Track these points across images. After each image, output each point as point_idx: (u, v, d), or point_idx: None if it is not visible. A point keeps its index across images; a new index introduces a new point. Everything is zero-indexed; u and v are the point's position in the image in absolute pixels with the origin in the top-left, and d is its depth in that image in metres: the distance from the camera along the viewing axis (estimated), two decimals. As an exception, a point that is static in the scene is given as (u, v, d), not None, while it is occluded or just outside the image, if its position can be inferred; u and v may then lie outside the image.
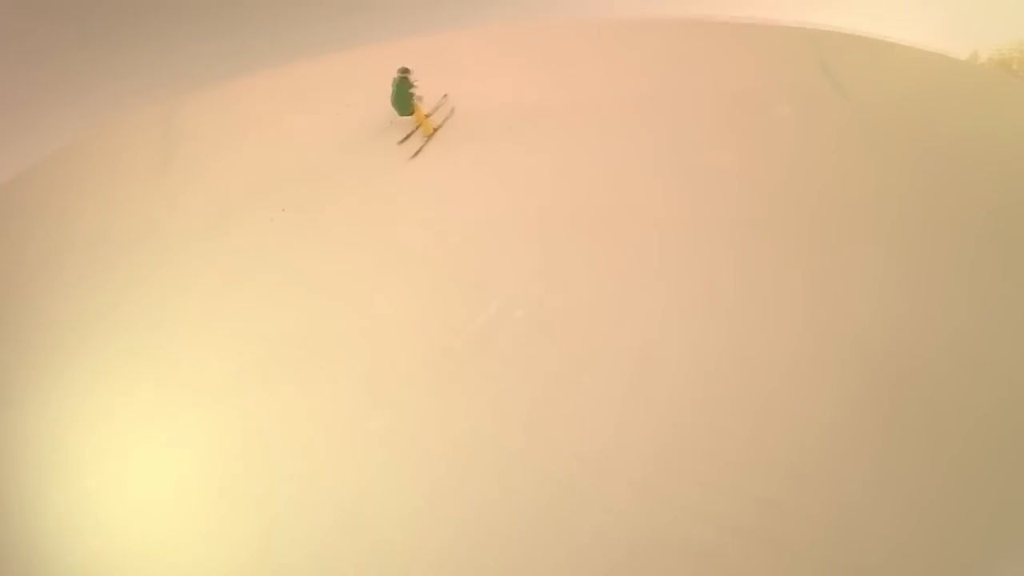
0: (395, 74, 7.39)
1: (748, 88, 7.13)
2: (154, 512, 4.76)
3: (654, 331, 5.46)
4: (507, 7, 7.93)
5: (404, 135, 7.46)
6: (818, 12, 7.28)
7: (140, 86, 7.76)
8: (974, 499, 4.38)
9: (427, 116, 7.57)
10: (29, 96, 7.55)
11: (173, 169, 7.21)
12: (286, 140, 7.35)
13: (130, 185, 7.09)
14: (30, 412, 5.35)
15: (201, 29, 7.88)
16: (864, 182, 6.30)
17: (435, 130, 7.57)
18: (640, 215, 6.30)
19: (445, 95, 7.62)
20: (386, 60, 7.17)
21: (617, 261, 5.98)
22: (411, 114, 7.46)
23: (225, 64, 7.81)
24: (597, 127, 7.08)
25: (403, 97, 7.41)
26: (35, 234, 6.79)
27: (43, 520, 4.82)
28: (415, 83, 7.42)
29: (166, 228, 6.64)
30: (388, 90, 7.35)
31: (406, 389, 5.32)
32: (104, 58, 7.71)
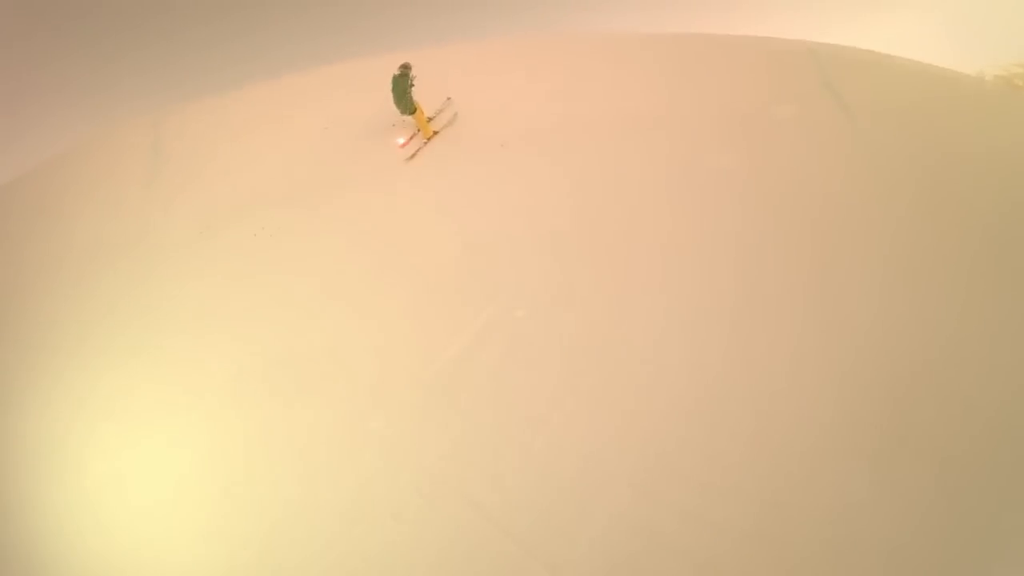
0: (395, 71, 7.43)
1: (754, 103, 7.17)
2: (155, 512, 4.74)
3: (657, 334, 5.47)
4: (516, 20, 8.02)
5: (405, 138, 7.50)
6: (825, 30, 7.38)
7: (138, 93, 7.80)
8: (976, 501, 4.39)
9: (429, 119, 7.59)
10: (25, 101, 7.60)
11: (170, 173, 7.22)
12: (286, 146, 7.35)
13: (128, 189, 7.10)
14: (30, 413, 5.38)
15: (207, 36, 7.96)
16: (866, 190, 6.31)
17: (435, 133, 7.59)
18: (646, 222, 6.29)
19: (448, 99, 7.65)
20: (388, 70, 7.24)
21: (622, 265, 5.97)
22: (412, 113, 7.47)
23: (226, 72, 7.87)
24: (602, 138, 7.08)
25: (402, 94, 7.38)
26: (33, 236, 6.81)
27: (43, 520, 4.80)
28: (414, 80, 7.41)
29: (163, 230, 6.64)
30: (385, 101, 7.40)
31: (406, 390, 5.31)
32: (101, 66, 7.76)
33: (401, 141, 7.53)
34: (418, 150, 7.43)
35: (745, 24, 7.66)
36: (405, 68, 7.43)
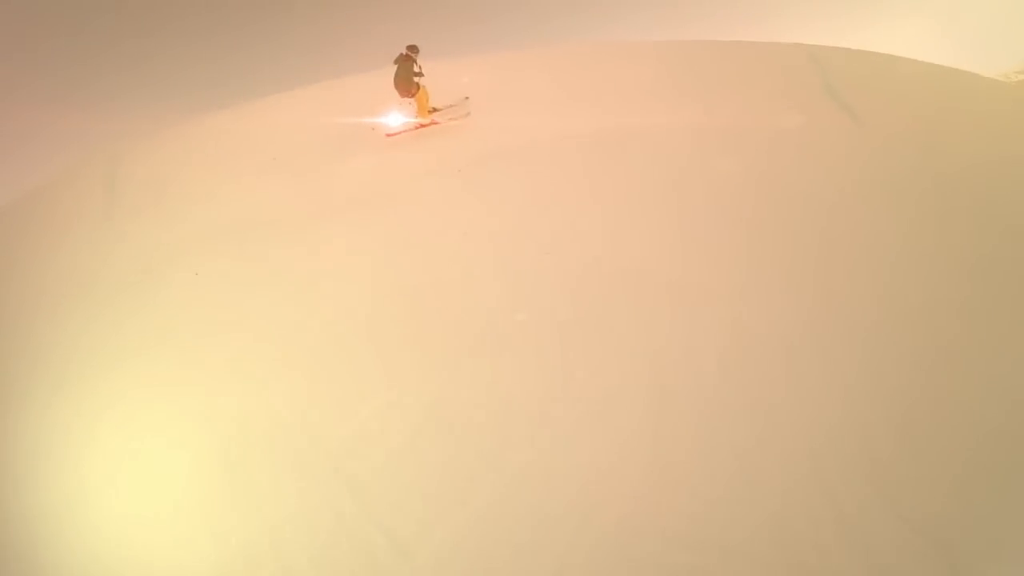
0: (403, 50, 7.25)
1: (755, 108, 7.13)
2: (155, 514, 4.72)
3: (659, 340, 5.45)
4: (518, 32, 8.19)
5: (396, 125, 7.34)
6: (827, 33, 7.49)
7: (94, 128, 7.96)
8: (980, 504, 4.36)
9: (435, 110, 7.35)
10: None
11: (124, 209, 7.29)
12: (232, 181, 7.39)
13: (85, 225, 7.23)
14: (30, 415, 5.35)
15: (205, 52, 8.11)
16: (872, 194, 6.28)
17: (432, 117, 7.37)
18: (651, 225, 6.24)
19: (467, 97, 7.53)
20: (343, 95, 7.38)
21: (622, 272, 5.92)
22: (412, 96, 7.31)
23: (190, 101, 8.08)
24: (602, 147, 7.06)
25: (405, 76, 7.23)
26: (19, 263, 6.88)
27: (43, 523, 4.77)
28: (419, 65, 7.21)
29: (113, 268, 6.66)
30: (333, 126, 7.39)
31: (404, 391, 5.30)
32: (54, 102, 7.96)
33: (391, 122, 7.34)
34: (400, 130, 7.25)
35: (743, 29, 7.77)
36: (411, 50, 7.30)
